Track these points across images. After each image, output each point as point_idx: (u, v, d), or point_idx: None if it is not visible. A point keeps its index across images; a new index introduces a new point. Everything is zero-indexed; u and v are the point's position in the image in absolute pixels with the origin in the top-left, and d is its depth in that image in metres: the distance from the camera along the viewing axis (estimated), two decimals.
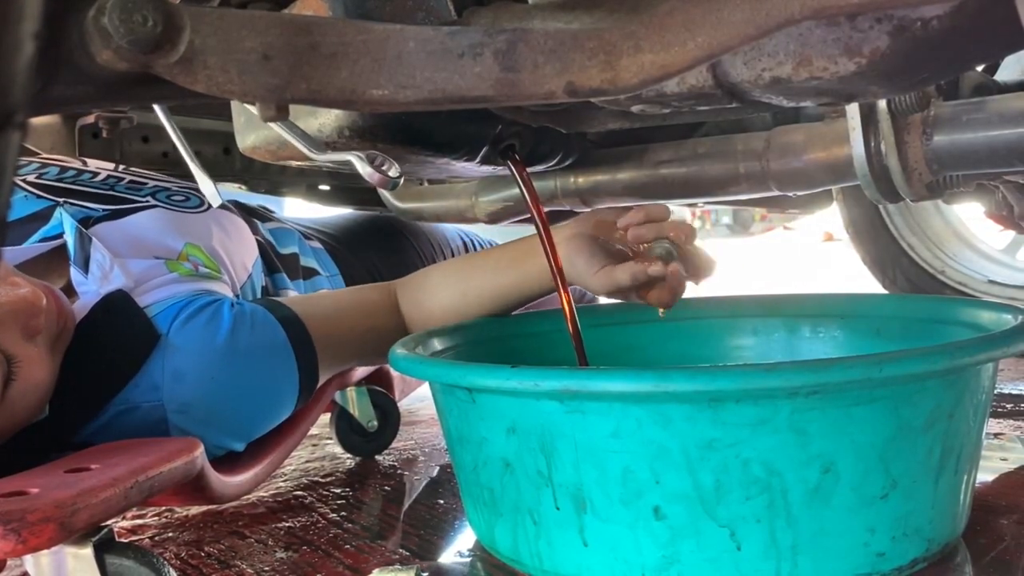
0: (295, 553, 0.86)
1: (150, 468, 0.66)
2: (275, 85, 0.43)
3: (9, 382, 0.71)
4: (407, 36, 0.44)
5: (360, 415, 1.19)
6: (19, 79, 0.19)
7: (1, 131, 0.19)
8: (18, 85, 0.19)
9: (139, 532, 0.95)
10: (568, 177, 1.07)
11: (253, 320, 0.86)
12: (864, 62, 0.50)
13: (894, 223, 1.72)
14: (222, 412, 0.83)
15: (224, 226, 1.01)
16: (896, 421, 0.62)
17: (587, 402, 0.63)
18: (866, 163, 0.84)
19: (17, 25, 0.18)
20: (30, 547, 0.56)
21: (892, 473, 0.63)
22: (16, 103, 0.19)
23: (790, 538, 0.62)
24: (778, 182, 0.96)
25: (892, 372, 0.59)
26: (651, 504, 0.63)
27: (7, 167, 0.20)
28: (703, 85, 0.56)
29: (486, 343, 0.95)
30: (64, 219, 0.88)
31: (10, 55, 0.19)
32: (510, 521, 0.71)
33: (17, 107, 0.19)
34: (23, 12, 0.18)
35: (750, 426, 0.61)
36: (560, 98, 0.45)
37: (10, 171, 0.20)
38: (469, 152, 0.82)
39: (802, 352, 0.99)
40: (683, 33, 0.44)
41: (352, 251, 1.30)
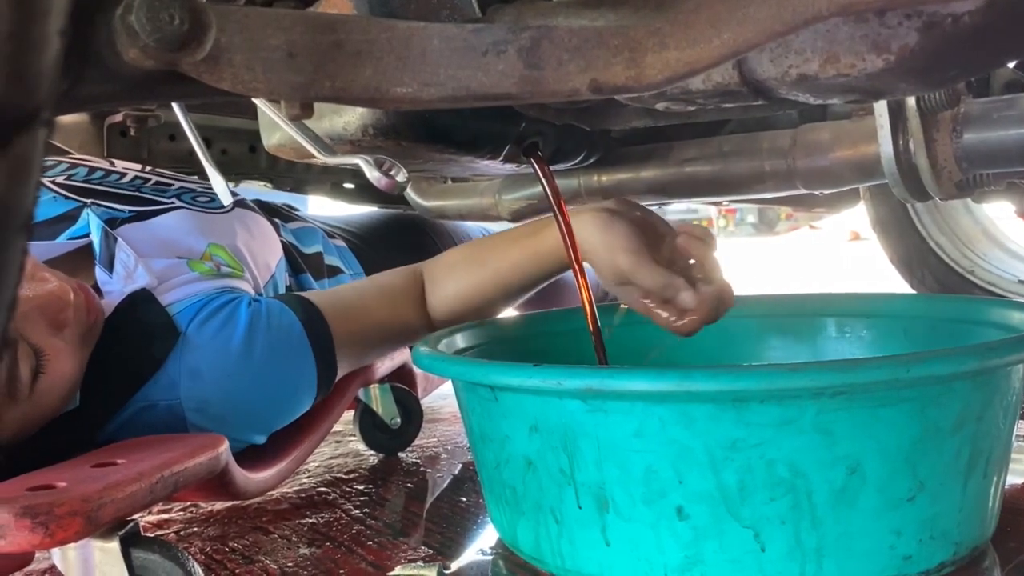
0: (318, 549, 0.86)
1: (175, 463, 0.67)
2: (300, 83, 0.43)
3: (38, 375, 0.72)
4: (431, 34, 0.44)
5: (383, 412, 1.19)
6: (45, 77, 0.19)
7: (28, 129, 0.19)
8: (44, 83, 0.19)
9: (165, 527, 0.96)
10: (591, 175, 1.07)
11: (269, 316, 0.86)
12: (893, 59, 0.49)
13: (922, 222, 1.70)
14: (239, 410, 0.84)
15: (248, 226, 1.02)
16: (923, 423, 0.62)
17: (610, 401, 0.63)
18: (894, 161, 0.83)
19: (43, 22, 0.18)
20: (57, 540, 0.57)
21: (919, 475, 0.62)
22: (42, 101, 0.19)
23: (815, 540, 0.62)
24: (804, 180, 0.95)
25: (919, 373, 0.58)
26: (674, 504, 0.63)
27: (34, 164, 0.20)
28: (729, 82, 0.56)
29: (510, 341, 0.95)
30: (91, 219, 0.89)
31: (36, 52, 0.19)
32: (532, 520, 0.71)
33: (44, 105, 0.19)
34: (49, 9, 0.19)
35: (775, 426, 0.60)
36: (584, 95, 0.45)
37: (37, 168, 0.20)
38: (492, 150, 0.82)
39: (828, 352, 0.98)
40: (708, 30, 0.43)
41: (375, 249, 1.30)
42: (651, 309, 0.78)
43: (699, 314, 0.76)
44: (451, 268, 0.97)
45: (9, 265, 0.20)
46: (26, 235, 0.21)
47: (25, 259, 0.21)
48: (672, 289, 0.76)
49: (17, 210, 0.20)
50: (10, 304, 0.20)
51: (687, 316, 0.77)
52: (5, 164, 0.19)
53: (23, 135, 0.19)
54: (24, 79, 0.19)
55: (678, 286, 0.76)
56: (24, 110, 0.19)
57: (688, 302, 0.76)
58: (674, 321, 0.78)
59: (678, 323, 0.78)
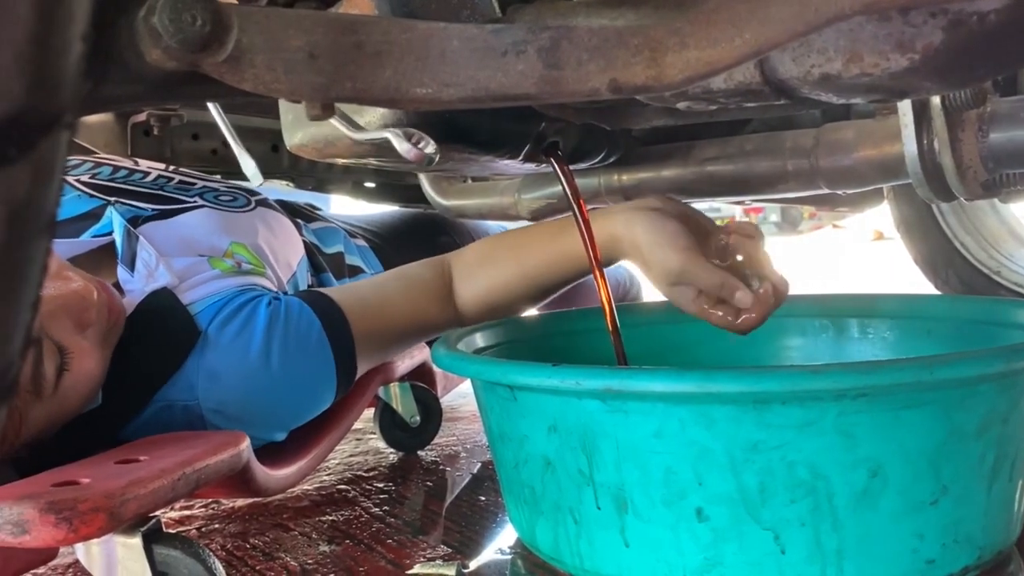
0: (338, 546, 0.86)
1: (197, 460, 0.67)
2: (320, 84, 0.44)
3: (62, 372, 0.73)
4: (451, 34, 0.44)
5: (403, 410, 1.20)
6: (68, 80, 0.19)
7: (50, 131, 0.19)
8: (67, 86, 0.20)
9: (186, 523, 0.97)
10: (612, 174, 1.07)
11: (288, 315, 0.86)
12: (917, 58, 0.49)
13: (947, 222, 1.68)
14: (257, 411, 0.84)
15: (270, 225, 1.03)
16: (947, 426, 0.61)
17: (629, 402, 0.63)
18: (918, 161, 0.82)
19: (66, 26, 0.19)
20: (81, 535, 0.57)
21: (943, 478, 0.62)
22: (65, 104, 0.20)
23: (836, 542, 0.61)
24: (827, 180, 0.94)
25: (943, 375, 0.58)
26: (693, 505, 0.63)
27: (57, 166, 0.20)
28: (750, 82, 0.55)
29: (530, 340, 0.95)
30: (114, 218, 0.90)
31: (59, 57, 0.19)
32: (551, 520, 0.71)
33: (66, 108, 0.20)
34: (72, 14, 0.19)
35: (796, 428, 0.60)
36: (604, 95, 0.45)
37: (60, 170, 0.20)
38: (512, 149, 0.82)
39: (850, 353, 0.97)
40: (730, 29, 0.43)
41: (396, 249, 1.31)
42: (705, 310, 0.77)
43: (756, 312, 0.75)
44: (485, 258, 0.96)
45: (33, 265, 0.20)
46: (49, 235, 0.21)
47: (48, 259, 0.21)
48: (728, 287, 0.74)
49: (41, 211, 0.20)
50: (34, 303, 0.21)
51: (744, 315, 0.76)
52: (30, 167, 0.19)
53: (46, 138, 0.19)
54: (47, 83, 0.19)
55: (734, 285, 0.74)
56: (47, 113, 0.19)
57: (745, 302, 0.74)
58: (731, 320, 0.76)
59: (735, 322, 0.76)
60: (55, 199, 0.20)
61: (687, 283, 0.77)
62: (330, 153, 0.84)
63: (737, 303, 0.75)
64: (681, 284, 0.77)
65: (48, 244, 0.21)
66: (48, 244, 0.21)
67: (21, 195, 0.19)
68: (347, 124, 0.65)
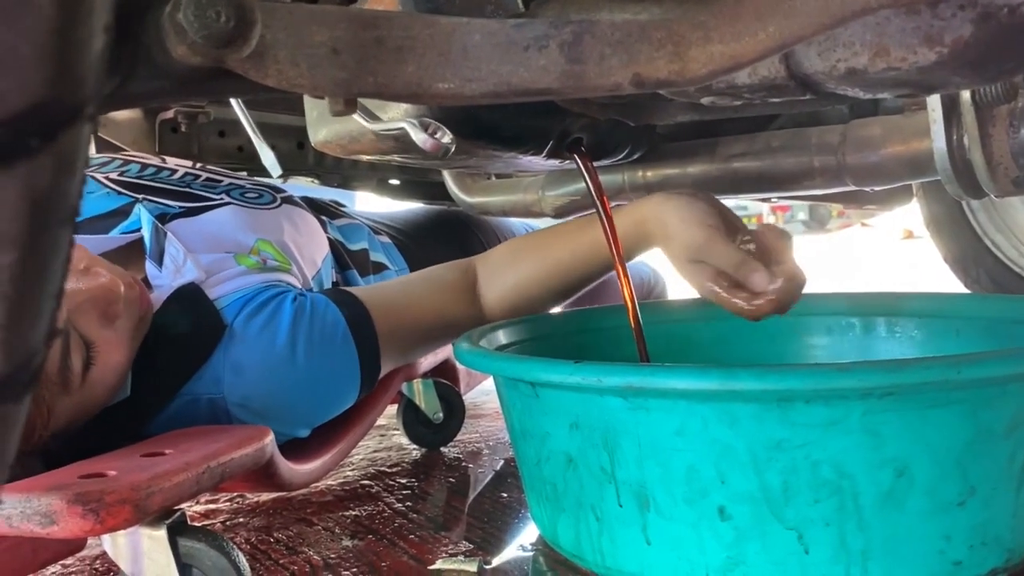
0: (360, 541, 0.87)
1: (221, 454, 0.68)
2: (343, 79, 0.44)
3: (89, 366, 0.74)
4: (473, 29, 0.44)
5: (426, 407, 1.20)
6: (91, 73, 0.20)
7: (73, 124, 0.20)
8: (90, 79, 0.20)
9: (212, 516, 0.98)
10: (636, 171, 1.06)
11: (314, 311, 0.87)
12: (946, 52, 0.48)
13: (977, 220, 1.66)
14: (281, 405, 0.85)
15: (295, 222, 1.03)
16: (975, 425, 0.60)
17: (651, 399, 0.62)
18: (948, 157, 0.81)
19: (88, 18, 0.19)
20: (107, 527, 0.58)
21: (970, 479, 0.61)
22: (88, 97, 0.20)
23: (861, 543, 0.61)
24: (854, 177, 0.93)
25: (971, 375, 0.57)
26: (716, 504, 0.62)
27: (79, 159, 0.20)
28: (775, 76, 0.55)
29: (552, 337, 0.94)
30: (142, 215, 0.91)
31: (81, 49, 0.19)
32: (573, 517, 0.71)
33: (89, 100, 0.20)
34: (94, 5, 0.19)
35: (821, 427, 0.59)
36: (626, 90, 0.45)
37: (82, 162, 0.21)
38: (536, 146, 0.82)
39: (877, 352, 0.96)
40: (754, 23, 0.43)
41: (420, 246, 1.31)
42: (719, 293, 0.76)
43: (773, 296, 0.74)
44: (510, 258, 0.96)
45: (56, 255, 0.20)
46: (71, 228, 0.21)
47: (71, 251, 0.21)
48: (747, 267, 0.74)
49: (63, 203, 0.20)
50: (57, 294, 0.21)
51: (758, 299, 0.74)
52: (51, 159, 0.19)
53: (69, 130, 0.20)
54: (69, 75, 0.19)
55: (754, 266, 0.74)
56: (69, 106, 0.19)
57: (760, 283, 0.73)
58: (744, 305, 0.75)
59: (748, 307, 0.75)
60: (78, 191, 0.21)
61: (706, 260, 0.76)
62: (354, 150, 0.85)
63: (753, 285, 0.74)
64: (700, 262, 0.77)
65: (70, 235, 0.21)
66: (70, 235, 0.21)
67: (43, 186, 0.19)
68: (365, 115, 0.66)
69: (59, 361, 0.71)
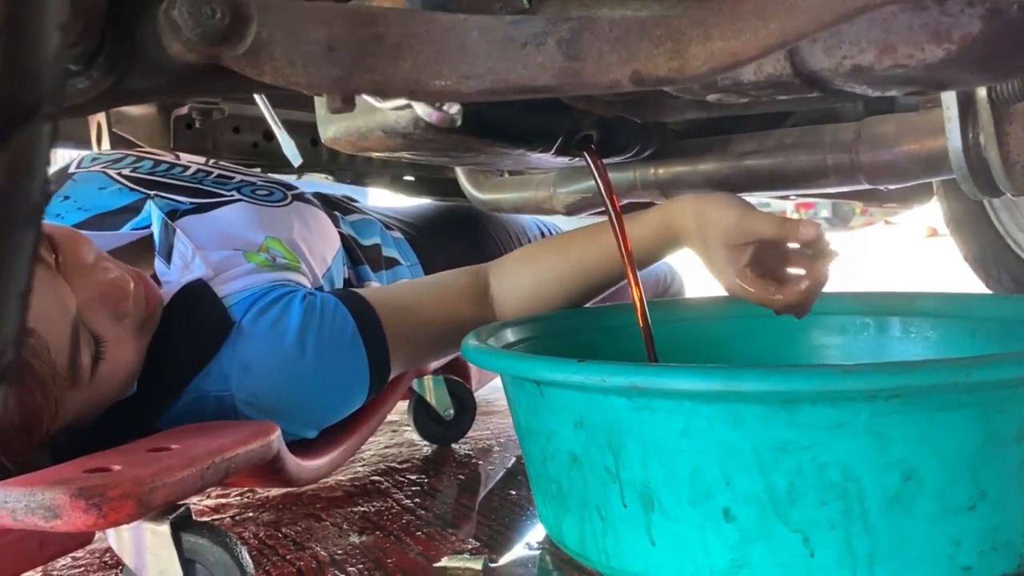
0: (368, 538, 0.87)
1: (226, 450, 0.68)
2: (339, 76, 0.44)
3: (98, 361, 0.74)
4: (470, 26, 0.44)
5: (437, 403, 1.20)
6: (46, 71, 0.19)
7: (28, 123, 0.19)
8: (45, 77, 0.20)
9: (221, 511, 0.99)
10: (647, 168, 1.05)
11: (323, 311, 0.86)
12: (954, 48, 0.47)
13: (999, 218, 1.63)
14: (289, 404, 0.84)
15: (305, 219, 1.03)
16: (985, 429, 0.59)
17: (655, 399, 0.62)
18: (963, 156, 0.80)
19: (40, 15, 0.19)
20: (110, 521, 0.58)
21: (980, 483, 0.60)
22: (44, 96, 0.20)
23: (867, 546, 0.60)
24: (868, 175, 0.92)
25: (981, 377, 0.56)
26: (721, 505, 0.62)
27: (37, 158, 0.20)
28: (781, 73, 0.54)
29: (560, 335, 0.94)
30: (153, 211, 0.91)
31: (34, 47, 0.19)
32: (577, 516, 0.70)
33: (46, 99, 0.20)
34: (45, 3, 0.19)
35: (827, 429, 0.59)
36: (625, 87, 0.44)
37: (42, 162, 0.20)
38: (544, 143, 0.81)
39: (891, 352, 0.95)
40: (755, 20, 0.42)
41: (432, 241, 1.31)
42: (746, 289, 0.78)
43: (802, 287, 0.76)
44: (526, 260, 0.96)
45: (17, 257, 0.20)
46: (34, 226, 0.21)
47: (34, 251, 0.21)
48: (790, 223, 0.75)
49: (18, 202, 0.20)
50: (22, 293, 0.21)
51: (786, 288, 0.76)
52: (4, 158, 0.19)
53: (23, 129, 0.19)
54: (22, 74, 0.19)
55: (793, 221, 0.75)
56: (23, 105, 0.19)
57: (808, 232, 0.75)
58: (773, 293, 0.77)
59: (777, 297, 0.77)
60: (39, 192, 0.20)
61: (747, 234, 0.78)
62: (363, 147, 0.85)
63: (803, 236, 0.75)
64: (736, 245, 0.79)
65: (34, 235, 0.21)
66: (34, 235, 0.21)
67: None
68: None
69: (68, 356, 0.71)
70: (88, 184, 0.98)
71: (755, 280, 0.78)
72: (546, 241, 1.00)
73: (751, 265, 0.79)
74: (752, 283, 0.78)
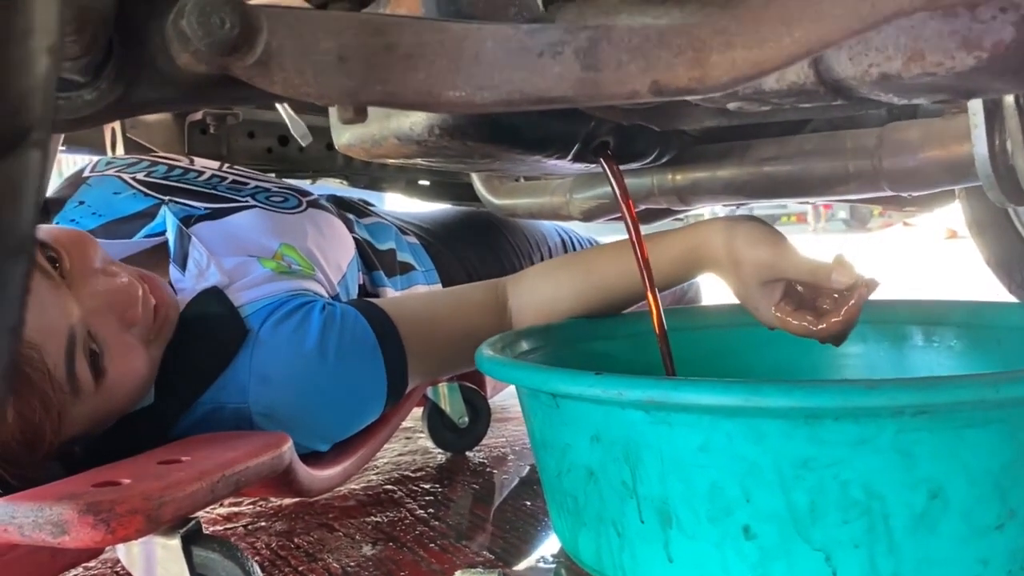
0: (381, 549, 0.86)
1: (237, 463, 0.67)
2: (350, 87, 0.43)
3: (104, 371, 0.73)
4: (485, 35, 0.43)
5: (452, 411, 1.19)
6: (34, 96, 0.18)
7: (15, 150, 0.18)
8: (35, 102, 0.19)
9: (234, 520, 0.98)
10: (665, 174, 1.04)
11: (343, 323, 0.85)
12: (985, 56, 0.45)
13: (1022, 222, 1.60)
14: (306, 416, 0.83)
15: (320, 226, 1.02)
16: (1014, 446, 0.57)
17: (674, 414, 0.60)
18: (989, 163, 0.78)
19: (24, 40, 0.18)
20: (119, 537, 0.57)
21: (1009, 502, 0.58)
22: (32, 121, 0.19)
23: (891, 566, 0.58)
24: (891, 181, 0.90)
25: (1010, 393, 0.54)
26: (740, 523, 0.60)
27: (26, 187, 0.19)
28: (804, 82, 0.53)
29: (575, 344, 0.93)
30: (167, 217, 0.91)
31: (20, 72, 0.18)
32: (593, 531, 0.69)
33: (35, 125, 0.19)
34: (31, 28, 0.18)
35: (850, 445, 0.57)
36: (644, 98, 0.43)
37: (32, 191, 0.19)
38: (561, 150, 0.80)
39: (913, 363, 0.93)
40: (779, 28, 0.41)
41: (448, 247, 1.30)
42: (784, 318, 0.77)
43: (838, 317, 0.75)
44: (546, 276, 0.96)
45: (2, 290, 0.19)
46: (26, 257, 0.20)
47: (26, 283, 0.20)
48: (823, 269, 0.75)
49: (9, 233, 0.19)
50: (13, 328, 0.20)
51: (825, 319, 0.75)
52: None
53: (10, 157, 0.18)
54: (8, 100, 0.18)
55: (827, 267, 0.74)
56: (10, 131, 0.18)
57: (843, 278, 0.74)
58: (812, 323, 0.76)
59: (816, 329, 0.76)
60: (28, 221, 0.20)
61: (780, 274, 0.77)
62: (377, 153, 0.83)
63: (835, 283, 0.74)
64: (770, 282, 0.78)
65: (25, 267, 0.20)
66: (25, 267, 0.20)
67: None
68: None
69: (66, 367, 0.69)
70: (102, 189, 0.98)
71: (793, 313, 0.77)
72: (567, 257, 0.99)
73: (786, 298, 0.78)
74: (791, 316, 0.77)
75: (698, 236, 0.84)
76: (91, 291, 0.73)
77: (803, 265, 0.76)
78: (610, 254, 0.92)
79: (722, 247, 0.81)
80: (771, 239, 0.78)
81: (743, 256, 0.79)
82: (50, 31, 0.18)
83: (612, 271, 0.91)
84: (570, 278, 0.93)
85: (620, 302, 0.92)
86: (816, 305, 0.77)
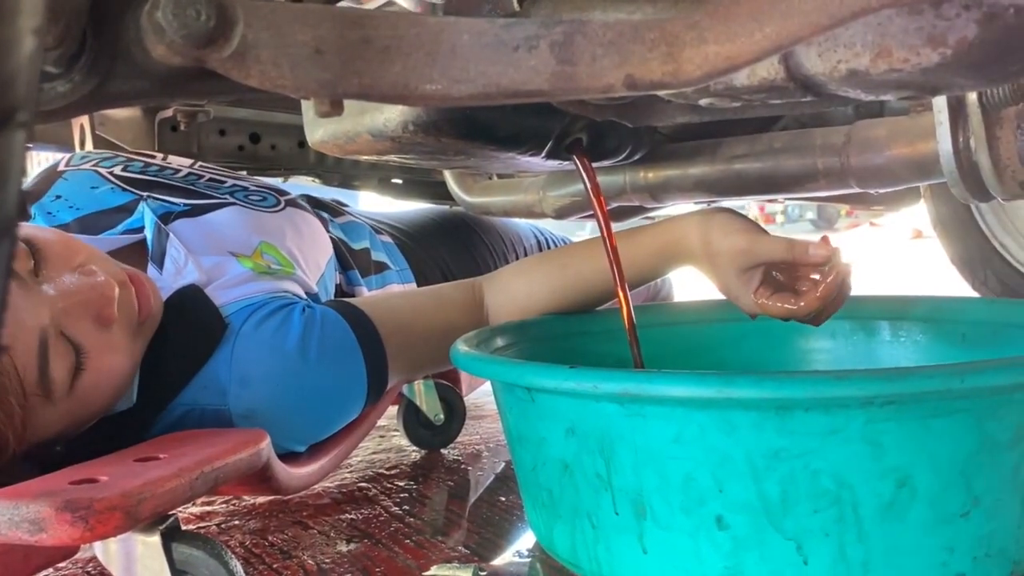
0: (356, 546, 0.86)
1: (216, 459, 0.67)
2: (327, 80, 0.43)
3: (79, 372, 0.71)
4: (461, 29, 0.43)
5: (427, 408, 1.19)
6: (20, 77, 0.19)
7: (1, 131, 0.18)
8: (19, 84, 0.19)
9: (207, 519, 0.97)
10: (637, 172, 1.05)
11: (324, 325, 0.85)
12: (949, 53, 0.47)
13: (986, 222, 1.63)
14: (287, 419, 0.83)
15: (298, 225, 1.02)
16: (979, 435, 0.59)
17: (648, 406, 0.61)
18: (953, 160, 0.79)
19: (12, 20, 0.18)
20: (97, 534, 0.57)
21: (974, 490, 0.59)
22: (17, 102, 0.19)
23: (861, 554, 0.59)
24: (858, 179, 0.91)
25: (975, 383, 0.56)
26: (713, 513, 0.61)
27: (11, 167, 0.19)
28: (775, 78, 0.54)
29: (550, 340, 0.93)
30: (146, 213, 0.90)
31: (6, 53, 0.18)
32: (569, 524, 0.70)
33: (20, 106, 0.19)
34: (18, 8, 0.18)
35: (820, 436, 0.58)
36: (619, 92, 0.44)
37: (17, 171, 0.19)
38: (534, 147, 0.80)
39: (881, 357, 0.94)
40: (750, 23, 0.41)
41: (422, 246, 1.30)
42: (766, 304, 0.79)
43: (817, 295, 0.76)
44: (522, 273, 0.96)
45: None
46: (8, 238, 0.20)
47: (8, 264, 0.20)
48: (799, 245, 0.76)
49: None
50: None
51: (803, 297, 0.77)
52: None
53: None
54: None
55: (803, 242, 0.76)
56: None
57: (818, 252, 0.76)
58: (792, 305, 0.77)
59: (796, 309, 0.77)
60: (12, 202, 0.20)
61: (757, 259, 0.78)
62: (351, 150, 0.84)
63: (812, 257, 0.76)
64: (748, 269, 0.79)
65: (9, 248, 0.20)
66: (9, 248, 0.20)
67: None
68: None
69: (38, 369, 0.68)
70: (80, 183, 0.97)
71: (773, 297, 0.79)
72: (542, 255, 1.00)
73: (764, 284, 0.79)
74: (771, 300, 0.78)
75: (674, 230, 0.85)
76: (65, 291, 0.72)
77: (778, 245, 0.77)
78: (585, 251, 0.93)
79: (698, 239, 0.82)
80: (745, 227, 0.79)
81: (719, 246, 0.80)
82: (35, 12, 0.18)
83: (587, 267, 0.91)
84: (545, 275, 0.94)
85: (595, 298, 0.93)
86: (796, 288, 0.79)
